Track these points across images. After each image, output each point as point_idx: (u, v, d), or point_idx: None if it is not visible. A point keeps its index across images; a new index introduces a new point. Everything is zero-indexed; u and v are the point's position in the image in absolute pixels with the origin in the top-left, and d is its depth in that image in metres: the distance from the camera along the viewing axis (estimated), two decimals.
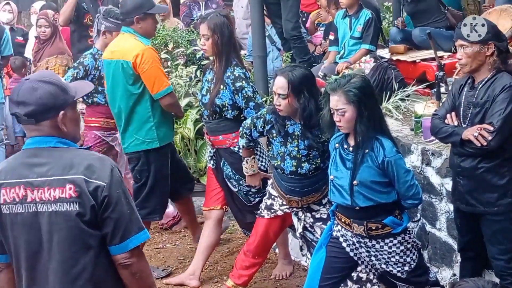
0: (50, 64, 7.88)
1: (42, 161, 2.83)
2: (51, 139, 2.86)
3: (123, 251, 2.82)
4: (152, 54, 5.32)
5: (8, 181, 2.84)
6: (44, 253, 2.83)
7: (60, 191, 2.78)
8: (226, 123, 5.15)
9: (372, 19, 6.89)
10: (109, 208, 2.79)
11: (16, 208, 2.83)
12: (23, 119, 2.83)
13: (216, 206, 5.42)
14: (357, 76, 4.08)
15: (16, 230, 2.85)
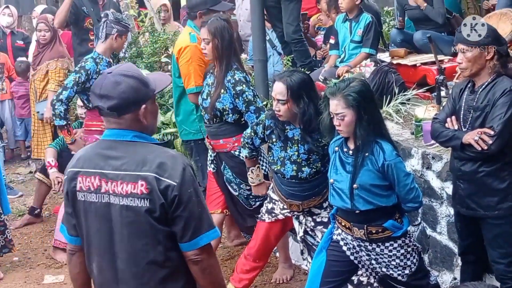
0: (51, 67, 7.89)
1: (117, 154, 2.90)
2: (128, 133, 2.92)
3: (193, 248, 2.87)
4: (193, 51, 5.52)
5: (85, 169, 2.93)
6: (114, 243, 2.90)
7: (132, 187, 2.84)
8: (226, 127, 5.16)
9: (372, 23, 6.89)
10: (179, 207, 2.83)
11: (90, 197, 2.91)
12: (106, 112, 2.90)
13: (217, 210, 5.42)
14: (356, 80, 4.08)
15: (89, 218, 2.93)
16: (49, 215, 7.39)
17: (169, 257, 2.90)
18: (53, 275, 5.90)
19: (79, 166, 2.95)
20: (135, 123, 2.92)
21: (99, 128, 6.08)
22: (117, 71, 2.93)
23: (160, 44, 7.59)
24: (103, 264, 2.95)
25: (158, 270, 2.89)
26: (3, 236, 5.93)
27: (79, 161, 2.97)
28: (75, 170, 2.96)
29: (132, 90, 2.88)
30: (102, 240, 2.92)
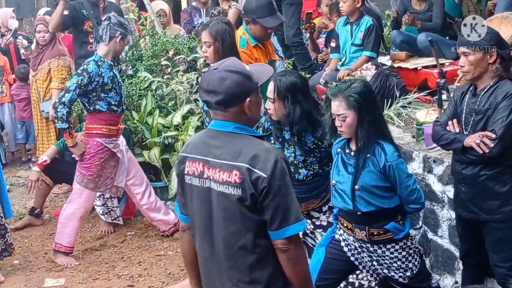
0: (53, 65, 7.91)
1: (218, 144, 3.11)
2: (230, 124, 3.12)
3: (281, 237, 3.02)
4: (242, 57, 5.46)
5: (192, 155, 3.17)
6: (213, 226, 3.10)
7: (227, 175, 3.03)
8: None
9: (373, 26, 6.89)
10: (268, 197, 2.98)
11: (194, 181, 3.15)
12: (213, 106, 3.10)
13: None
14: (357, 81, 4.08)
15: (193, 200, 3.17)
16: (49, 218, 7.37)
17: (259, 244, 3.05)
18: (53, 279, 5.88)
19: (188, 151, 3.20)
20: (240, 115, 3.11)
21: (99, 131, 6.10)
22: (223, 67, 3.09)
23: (160, 47, 7.58)
24: (203, 244, 3.16)
25: (247, 255, 3.06)
26: (4, 240, 5.93)
27: (188, 147, 3.22)
28: (184, 154, 3.21)
29: (237, 85, 3.06)
30: (203, 222, 3.13)
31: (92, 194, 6.27)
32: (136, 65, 7.61)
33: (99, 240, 6.67)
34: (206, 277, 3.25)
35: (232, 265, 3.09)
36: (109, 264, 6.12)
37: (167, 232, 6.59)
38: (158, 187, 7.05)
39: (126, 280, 5.78)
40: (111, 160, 6.21)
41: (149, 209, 6.50)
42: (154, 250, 6.36)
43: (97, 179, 6.17)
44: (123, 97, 6.24)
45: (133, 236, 6.73)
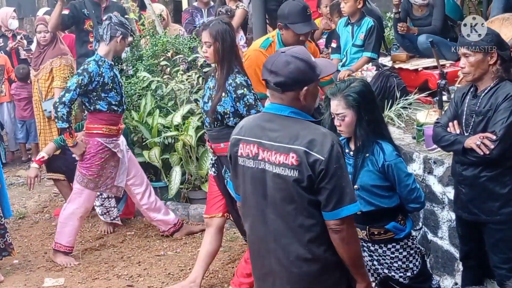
0: (55, 64, 7.91)
1: (274, 127, 3.20)
2: (286, 108, 3.21)
3: (335, 218, 3.12)
4: (254, 56, 5.54)
5: (246, 138, 3.28)
6: (267, 205, 3.21)
7: (284, 157, 3.13)
8: (227, 130, 5.12)
9: (375, 27, 6.88)
10: (325, 179, 3.09)
11: (248, 162, 3.25)
12: (271, 86, 3.20)
13: (218, 213, 5.40)
14: (357, 80, 4.08)
15: (246, 180, 3.28)
16: (49, 218, 7.37)
17: (314, 222, 3.15)
18: (53, 278, 5.87)
19: (242, 134, 3.30)
20: (295, 101, 3.20)
21: (100, 131, 6.09)
22: (290, 52, 3.20)
23: (160, 47, 7.58)
24: (256, 223, 3.28)
25: (303, 233, 3.16)
26: (3, 240, 5.92)
27: (242, 130, 3.32)
28: (238, 137, 3.31)
29: (300, 72, 3.16)
30: (257, 202, 3.24)
31: (92, 194, 6.26)
32: (136, 65, 7.61)
33: (98, 240, 6.67)
34: (257, 256, 3.35)
35: (289, 243, 3.19)
36: (109, 264, 6.11)
37: (167, 232, 6.59)
38: (158, 187, 7.05)
39: (125, 280, 5.78)
40: (112, 160, 6.21)
41: (149, 209, 6.50)
42: (154, 250, 6.36)
43: (97, 179, 6.17)
44: (124, 97, 6.23)
45: (132, 236, 6.73)
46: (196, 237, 6.53)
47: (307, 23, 5.58)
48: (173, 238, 6.56)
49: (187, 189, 7.08)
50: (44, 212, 7.55)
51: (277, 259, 3.23)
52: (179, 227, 6.60)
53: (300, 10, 5.52)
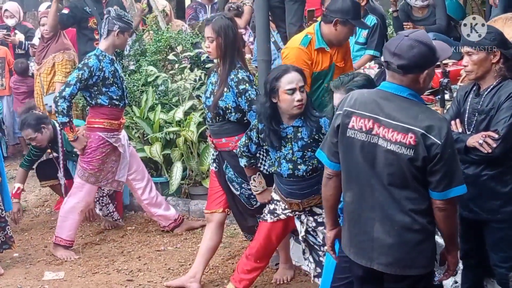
0: (57, 59, 7.92)
1: (393, 106, 3.36)
2: (405, 90, 3.38)
3: (443, 198, 3.34)
4: (294, 53, 5.37)
5: (360, 111, 3.42)
6: (373, 177, 3.39)
7: (401, 136, 3.31)
8: (229, 126, 5.14)
9: (378, 25, 6.90)
10: (439, 163, 3.28)
11: (360, 135, 3.41)
12: (393, 67, 3.35)
13: (218, 209, 5.41)
14: (360, 74, 4.13)
15: (354, 152, 3.44)
16: (50, 212, 7.38)
17: (418, 196, 3.36)
18: (53, 272, 5.88)
19: (355, 107, 3.44)
20: (414, 83, 3.37)
21: (101, 126, 6.10)
22: (413, 36, 3.35)
23: (164, 43, 7.59)
24: (361, 192, 3.45)
25: (408, 204, 3.37)
26: (4, 233, 5.93)
27: (355, 103, 3.45)
28: (351, 110, 3.45)
29: (422, 56, 3.32)
30: (364, 173, 3.42)
31: (93, 188, 6.27)
32: (139, 60, 7.62)
33: (99, 235, 6.68)
34: (356, 223, 3.51)
35: (394, 213, 3.37)
36: (109, 259, 6.11)
37: (167, 228, 6.59)
38: (159, 182, 7.06)
39: (125, 275, 5.78)
40: (113, 154, 6.21)
41: (150, 204, 6.50)
42: (154, 245, 6.36)
43: (98, 173, 6.17)
44: (125, 92, 6.23)
45: (133, 231, 6.73)
46: (197, 233, 6.53)
47: (363, 20, 5.58)
48: (173, 234, 6.56)
49: (188, 185, 7.09)
50: (45, 206, 7.55)
51: (381, 227, 3.41)
52: (180, 223, 6.60)
53: (359, 7, 5.48)
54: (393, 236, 3.40)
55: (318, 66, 5.38)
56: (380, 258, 3.44)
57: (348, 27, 5.32)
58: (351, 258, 3.57)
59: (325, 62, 5.41)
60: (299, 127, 4.63)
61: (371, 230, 3.45)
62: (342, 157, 3.51)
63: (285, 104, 4.56)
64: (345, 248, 3.63)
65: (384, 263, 3.44)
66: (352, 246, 3.56)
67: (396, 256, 3.41)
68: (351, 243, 3.56)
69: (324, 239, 4.65)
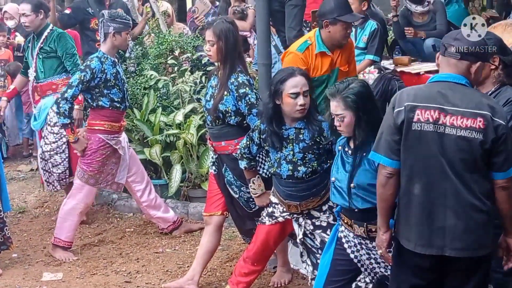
0: None
1: (456, 94, 3.55)
2: (462, 78, 3.58)
3: (506, 177, 3.55)
4: (290, 59, 5.44)
5: (424, 104, 3.57)
6: (443, 165, 3.54)
7: (471, 121, 3.50)
8: (228, 129, 5.16)
9: (378, 30, 6.92)
10: (505, 143, 3.51)
11: (426, 127, 3.55)
12: (450, 50, 3.58)
13: (217, 212, 5.42)
14: (355, 81, 4.12)
15: (422, 144, 3.58)
16: (49, 213, 7.39)
17: (484, 179, 3.56)
18: (51, 273, 5.89)
19: (417, 101, 3.58)
20: (467, 72, 3.59)
21: (102, 128, 6.11)
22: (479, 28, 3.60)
23: (166, 46, 7.61)
24: (432, 181, 3.58)
25: (478, 188, 3.54)
26: (2, 233, 5.93)
27: (417, 97, 3.60)
28: (413, 104, 3.58)
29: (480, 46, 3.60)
30: (433, 163, 3.56)
31: (93, 190, 6.28)
32: (141, 63, 7.64)
33: (97, 236, 6.69)
34: (428, 213, 3.60)
35: (466, 197, 3.54)
36: (107, 260, 6.13)
37: (166, 230, 6.60)
38: (159, 184, 7.07)
39: (123, 276, 5.79)
40: (113, 156, 6.23)
41: (149, 206, 6.51)
42: (153, 247, 6.37)
43: (98, 175, 6.19)
44: (126, 94, 6.25)
45: (131, 233, 6.74)
46: (195, 235, 6.54)
47: (353, 13, 5.55)
48: (172, 236, 6.57)
49: (187, 187, 7.10)
50: (44, 207, 7.56)
51: (453, 213, 3.55)
52: (178, 225, 6.61)
53: (345, 2, 5.47)
54: (465, 220, 3.56)
55: (318, 71, 5.41)
56: (454, 243, 3.58)
57: (340, 25, 5.35)
58: (414, 251, 3.65)
59: (325, 66, 5.44)
60: (301, 129, 4.66)
61: (444, 217, 3.58)
62: (407, 152, 3.61)
63: (288, 107, 4.59)
64: (405, 242, 3.70)
65: (458, 247, 3.58)
66: (419, 238, 3.65)
67: (469, 239, 3.57)
68: (419, 235, 3.65)
69: (322, 243, 4.68)
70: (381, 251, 3.90)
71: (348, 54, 5.63)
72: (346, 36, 5.46)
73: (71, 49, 6.74)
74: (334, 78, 5.46)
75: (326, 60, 5.45)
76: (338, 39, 5.42)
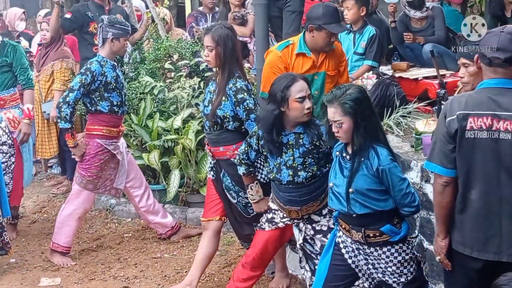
0: (56, 67, 7.92)
1: (506, 99, 3.55)
2: (511, 82, 3.56)
3: None
4: (268, 57, 5.48)
5: (476, 111, 3.57)
6: (500, 170, 3.55)
7: None
8: (227, 134, 5.17)
9: (376, 35, 6.93)
10: None
11: (481, 134, 3.57)
12: (497, 62, 3.55)
13: (215, 217, 5.42)
14: (352, 87, 4.12)
15: (476, 151, 3.59)
16: (47, 218, 7.39)
17: None
18: (49, 278, 5.89)
19: (469, 109, 3.59)
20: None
21: (100, 133, 6.12)
22: (509, 30, 3.57)
23: (163, 51, 7.62)
24: (488, 188, 3.59)
25: None
26: (1, 238, 5.93)
27: (468, 105, 3.60)
28: (465, 112, 3.59)
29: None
30: (489, 169, 3.57)
31: (91, 195, 6.28)
32: (138, 68, 7.65)
33: (95, 241, 6.68)
34: (483, 220, 3.62)
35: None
36: (105, 265, 6.12)
37: (164, 235, 6.60)
38: (157, 190, 7.06)
39: (121, 282, 5.79)
40: (111, 161, 6.23)
41: (147, 211, 6.51)
42: (151, 253, 6.37)
43: (96, 180, 6.19)
44: (125, 99, 6.26)
45: (130, 238, 6.74)
46: (193, 240, 6.54)
47: (340, 23, 5.52)
48: (170, 241, 6.57)
49: (185, 193, 7.10)
50: (43, 212, 7.56)
51: (509, 219, 3.57)
52: (177, 230, 6.61)
53: (334, 11, 5.44)
54: None
55: (298, 71, 5.34)
56: (511, 249, 3.60)
57: (324, 32, 5.34)
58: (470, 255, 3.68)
59: (305, 66, 5.42)
60: (301, 133, 4.66)
61: (499, 224, 3.60)
62: (463, 160, 3.62)
63: (296, 112, 4.59)
64: (460, 247, 3.74)
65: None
66: (475, 244, 3.67)
67: None
68: (475, 241, 3.66)
69: (322, 248, 4.67)
70: (440, 257, 3.91)
71: (337, 60, 5.59)
72: (329, 44, 5.42)
73: (26, 63, 6.69)
74: (320, 81, 5.46)
75: (306, 61, 5.45)
76: (320, 46, 5.41)
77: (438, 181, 3.74)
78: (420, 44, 7.50)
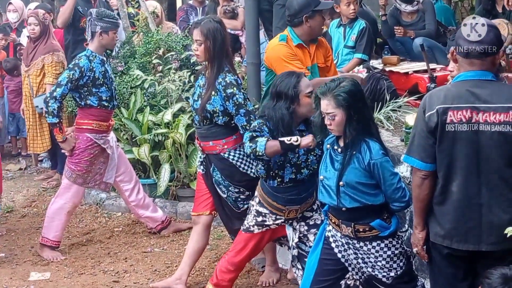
0: (46, 61, 7.86)
1: (485, 91, 3.58)
2: (488, 74, 3.61)
3: None
4: (278, 50, 5.42)
5: (455, 105, 3.58)
6: (479, 163, 3.58)
7: (504, 116, 3.54)
8: (216, 129, 5.15)
9: (366, 28, 6.93)
10: None
11: (461, 127, 3.58)
12: (474, 54, 3.59)
13: (205, 211, 5.42)
14: (346, 80, 4.12)
15: (456, 144, 3.60)
16: (37, 212, 7.37)
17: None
18: (39, 272, 5.88)
19: (449, 103, 3.60)
20: (492, 65, 3.62)
21: (90, 127, 6.10)
22: (483, 21, 3.61)
23: (153, 45, 7.59)
24: (468, 180, 3.62)
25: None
26: None
27: (447, 99, 3.61)
28: (445, 106, 3.60)
29: (497, 38, 3.62)
30: (469, 161, 3.59)
31: (81, 189, 6.27)
32: (128, 62, 7.62)
33: (85, 235, 6.67)
34: (464, 211, 3.65)
35: (502, 193, 3.59)
36: (95, 260, 6.11)
37: (154, 229, 6.59)
38: (147, 184, 7.05)
39: (111, 276, 5.78)
40: (101, 156, 6.21)
41: (137, 206, 6.49)
42: (141, 247, 6.36)
43: (86, 174, 6.17)
44: (114, 93, 6.24)
45: (120, 232, 6.73)
46: (183, 235, 6.53)
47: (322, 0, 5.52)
48: (160, 235, 6.56)
49: (175, 187, 7.09)
50: (32, 207, 7.54)
51: (489, 209, 3.61)
52: (167, 225, 6.60)
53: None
54: (502, 215, 3.60)
55: (303, 63, 5.39)
56: (490, 238, 3.63)
57: (318, 15, 5.39)
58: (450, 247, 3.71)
59: (307, 59, 5.45)
60: (304, 131, 4.66)
61: (478, 215, 3.63)
62: (443, 153, 3.63)
63: (306, 107, 4.60)
64: (439, 239, 3.76)
65: (493, 242, 3.62)
66: (455, 235, 3.69)
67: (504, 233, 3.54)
68: (455, 232, 3.69)
69: None
70: (417, 249, 3.94)
71: (324, 50, 5.66)
72: (322, 26, 5.52)
73: None
74: (316, 74, 5.47)
75: (305, 52, 5.49)
76: (317, 31, 5.47)
77: (417, 174, 3.75)
78: (411, 38, 7.51)
